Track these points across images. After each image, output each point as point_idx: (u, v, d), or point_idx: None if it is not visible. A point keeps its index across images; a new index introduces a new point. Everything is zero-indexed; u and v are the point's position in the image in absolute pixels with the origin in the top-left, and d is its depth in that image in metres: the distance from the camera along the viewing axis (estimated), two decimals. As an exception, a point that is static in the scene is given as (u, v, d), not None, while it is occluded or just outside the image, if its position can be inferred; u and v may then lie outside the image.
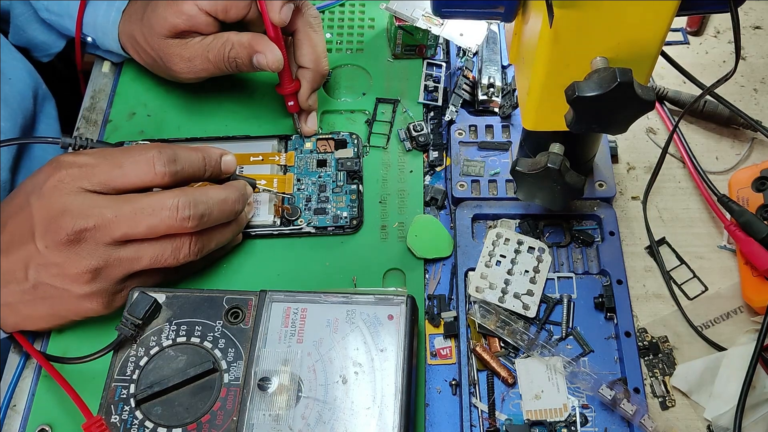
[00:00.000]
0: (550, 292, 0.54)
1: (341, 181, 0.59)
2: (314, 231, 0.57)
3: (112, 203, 0.47)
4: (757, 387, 0.49)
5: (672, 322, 0.54)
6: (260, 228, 0.57)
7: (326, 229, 0.57)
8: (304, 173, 0.59)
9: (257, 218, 0.57)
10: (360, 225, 0.57)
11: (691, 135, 0.62)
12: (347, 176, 0.59)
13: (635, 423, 0.48)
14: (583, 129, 0.43)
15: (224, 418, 0.46)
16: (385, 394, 0.46)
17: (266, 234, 0.57)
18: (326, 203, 0.58)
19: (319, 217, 0.57)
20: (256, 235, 0.57)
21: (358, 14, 0.69)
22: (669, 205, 0.59)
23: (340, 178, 0.59)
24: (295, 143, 0.61)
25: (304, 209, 0.57)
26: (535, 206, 0.57)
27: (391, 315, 0.48)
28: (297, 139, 0.61)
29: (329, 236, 0.57)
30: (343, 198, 0.58)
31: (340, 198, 0.58)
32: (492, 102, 0.62)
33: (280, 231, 0.57)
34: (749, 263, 0.53)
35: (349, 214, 0.57)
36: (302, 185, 0.59)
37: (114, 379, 0.47)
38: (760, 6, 0.70)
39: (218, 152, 0.53)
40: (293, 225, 0.57)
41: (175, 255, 0.49)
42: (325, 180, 0.59)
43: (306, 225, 0.57)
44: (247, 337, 0.48)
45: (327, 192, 0.58)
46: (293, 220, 0.57)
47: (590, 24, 0.41)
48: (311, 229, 0.57)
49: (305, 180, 0.59)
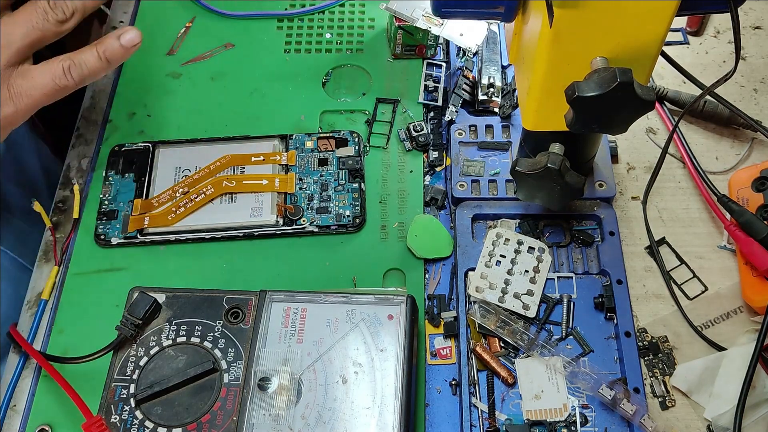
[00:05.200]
0: (550, 292, 0.54)
1: (343, 179, 0.59)
2: (317, 230, 0.57)
3: None
4: (757, 387, 0.49)
5: (672, 322, 0.54)
6: (263, 228, 0.57)
7: (329, 228, 0.57)
8: (305, 172, 0.59)
9: (260, 218, 0.57)
10: (363, 223, 0.57)
11: (691, 135, 0.62)
12: (349, 175, 0.59)
13: (635, 423, 0.48)
14: (583, 129, 0.43)
15: (224, 418, 0.46)
16: (385, 394, 0.46)
17: (269, 234, 0.57)
18: (329, 202, 0.58)
19: (322, 216, 0.57)
20: (260, 235, 0.57)
21: (358, 14, 0.69)
22: (669, 205, 0.59)
23: (341, 177, 0.59)
24: (296, 142, 0.61)
25: (307, 208, 0.57)
26: (535, 206, 0.57)
27: (391, 315, 0.48)
28: (298, 138, 0.61)
29: (331, 235, 0.57)
30: (346, 196, 0.58)
31: (343, 196, 0.58)
32: (492, 102, 0.62)
33: (283, 231, 0.57)
34: (749, 263, 0.53)
35: (352, 213, 0.57)
36: (304, 184, 0.59)
37: (114, 379, 0.47)
38: (760, 6, 0.70)
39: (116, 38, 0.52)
40: (296, 224, 0.57)
41: (44, 18, 0.49)
42: (327, 179, 0.59)
43: (309, 224, 0.57)
44: (247, 337, 0.48)
45: (329, 191, 0.58)
46: (296, 219, 0.57)
47: (590, 24, 0.41)
48: (314, 228, 0.57)
49: (307, 179, 0.59)
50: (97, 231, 0.57)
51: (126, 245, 0.57)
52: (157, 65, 0.67)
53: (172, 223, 0.57)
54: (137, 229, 0.57)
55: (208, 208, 0.58)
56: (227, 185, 0.58)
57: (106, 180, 0.59)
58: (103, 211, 0.58)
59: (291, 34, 0.68)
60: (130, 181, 0.59)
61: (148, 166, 0.60)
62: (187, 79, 0.66)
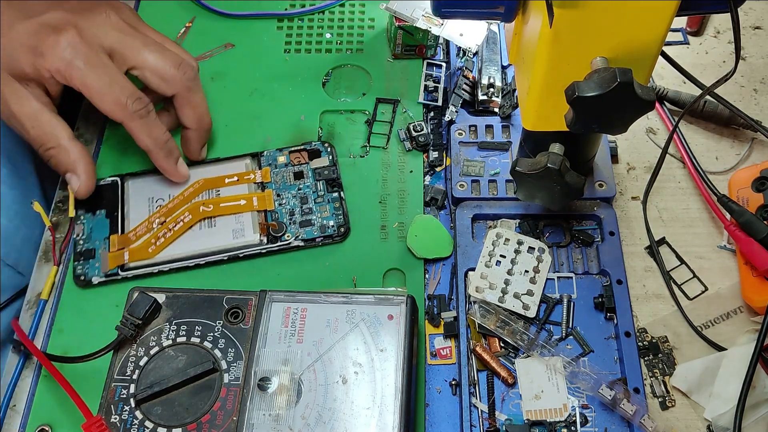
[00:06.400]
0: (550, 292, 0.54)
1: (322, 190, 0.58)
2: (303, 244, 0.56)
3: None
4: (757, 387, 0.49)
5: (672, 322, 0.54)
6: (247, 248, 0.55)
7: (315, 241, 0.56)
8: (282, 188, 0.58)
9: (243, 238, 0.56)
10: (348, 232, 0.57)
11: (691, 135, 0.62)
12: (327, 185, 0.58)
13: (635, 423, 0.48)
14: (583, 129, 0.43)
15: (224, 418, 0.46)
16: (385, 394, 0.46)
17: (254, 254, 0.56)
18: (311, 214, 0.57)
19: (306, 229, 0.56)
20: (245, 257, 0.56)
21: (358, 14, 0.69)
22: (669, 205, 0.59)
23: (320, 188, 0.58)
24: (267, 159, 0.60)
25: (289, 223, 0.57)
26: (535, 206, 0.57)
27: (391, 315, 0.48)
28: (269, 154, 0.60)
29: (319, 247, 0.57)
30: (327, 207, 0.57)
31: (324, 207, 0.57)
32: (492, 102, 0.62)
33: (269, 249, 0.56)
34: (749, 263, 0.53)
35: (336, 222, 0.57)
36: (283, 200, 0.58)
37: (114, 379, 0.47)
38: (760, 6, 0.70)
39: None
40: (281, 241, 0.56)
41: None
42: (306, 191, 0.58)
43: (294, 239, 0.56)
44: (247, 337, 0.48)
45: (309, 203, 0.57)
46: (280, 235, 0.56)
47: (590, 24, 0.41)
48: (300, 242, 0.56)
49: (285, 194, 0.58)
50: (75, 272, 0.55)
51: (108, 283, 0.55)
52: (157, 65, 0.67)
53: (154, 255, 0.55)
54: (118, 266, 0.55)
55: (188, 235, 0.56)
56: (204, 210, 0.57)
57: (77, 220, 0.57)
58: (79, 251, 0.56)
59: (291, 34, 0.68)
60: (103, 218, 0.57)
61: (119, 201, 0.58)
62: (187, 79, 0.66)
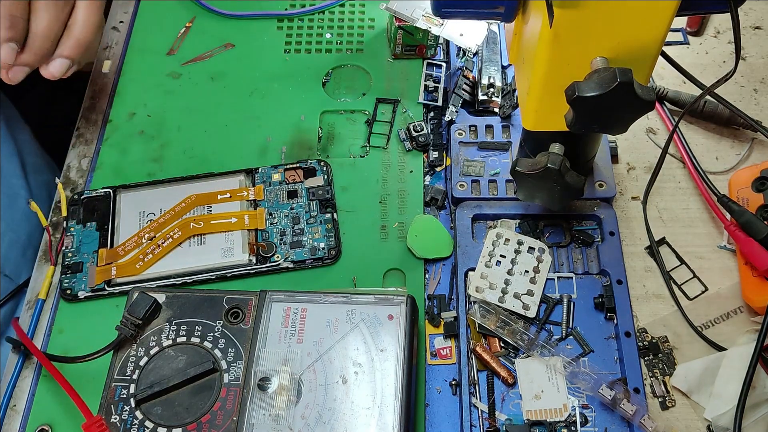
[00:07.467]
0: (550, 292, 0.54)
1: (314, 210, 0.57)
2: (292, 266, 0.55)
3: None
4: (757, 387, 0.49)
5: (672, 322, 0.54)
6: (236, 268, 0.54)
7: (305, 263, 0.55)
8: (275, 206, 0.57)
9: (231, 258, 0.55)
10: (339, 255, 0.56)
11: (691, 135, 0.62)
12: (320, 205, 0.57)
13: (635, 423, 0.48)
14: (583, 129, 0.43)
15: (224, 418, 0.46)
16: (385, 394, 0.46)
17: (243, 274, 0.55)
18: (302, 235, 0.56)
19: (296, 250, 0.55)
20: (233, 276, 0.55)
21: (358, 14, 0.69)
22: (669, 205, 0.59)
23: (313, 208, 0.57)
24: (262, 176, 0.59)
25: (280, 244, 0.56)
26: (535, 206, 0.57)
27: (391, 315, 0.48)
28: (264, 171, 0.59)
29: (309, 269, 0.56)
30: (319, 228, 0.56)
31: (315, 229, 0.56)
32: (492, 102, 0.62)
33: (257, 269, 0.55)
34: (749, 263, 0.53)
35: (327, 245, 0.56)
36: (275, 219, 0.57)
37: (114, 379, 0.47)
38: (760, 6, 0.70)
39: None
40: (270, 261, 0.55)
41: None
42: (298, 211, 0.57)
43: (283, 260, 0.55)
44: (247, 337, 0.48)
45: (301, 224, 0.56)
46: (269, 256, 0.55)
47: (590, 24, 0.41)
48: (289, 264, 0.55)
49: (277, 213, 0.57)
50: (62, 286, 0.54)
51: (94, 298, 0.54)
52: (157, 65, 0.67)
53: (141, 271, 0.54)
54: (105, 281, 0.54)
55: (177, 252, 0.55)
56: (195, 227, 0.56)
57: (67, 231, 0.57)
58: (67, 264, 0.55)
59: (291, 34, 0.68)
60: (93, 230, 0.57)
61: (110, 213, 0.57)
62: (187, 79, 0.66)
